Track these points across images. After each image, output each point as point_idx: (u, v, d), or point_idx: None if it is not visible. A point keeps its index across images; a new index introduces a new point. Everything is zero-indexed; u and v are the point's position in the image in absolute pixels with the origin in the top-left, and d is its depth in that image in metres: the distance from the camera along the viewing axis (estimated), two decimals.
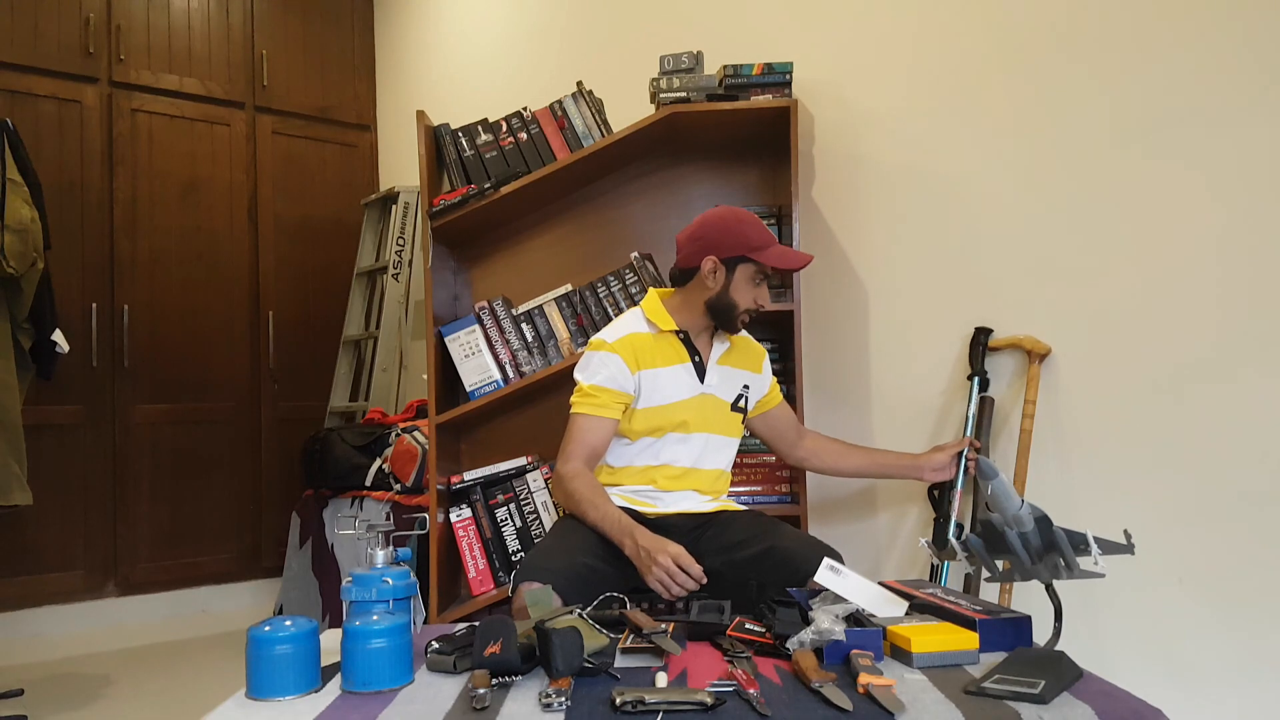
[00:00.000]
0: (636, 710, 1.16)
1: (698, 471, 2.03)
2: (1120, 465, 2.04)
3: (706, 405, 2.03)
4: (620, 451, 2.04)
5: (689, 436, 2.01)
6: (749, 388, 2.11)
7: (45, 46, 3.78)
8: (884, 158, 2.52)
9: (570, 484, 1.92)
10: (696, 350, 2.05)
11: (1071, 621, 1.93)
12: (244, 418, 4.25)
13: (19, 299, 2.78)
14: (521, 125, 2.60)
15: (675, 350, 2.03)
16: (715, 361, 2.06)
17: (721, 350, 2.08)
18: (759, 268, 1.97)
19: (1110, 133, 2.06)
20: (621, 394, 1.98)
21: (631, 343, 2.00)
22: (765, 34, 2.80)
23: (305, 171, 4.50)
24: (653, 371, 2.00)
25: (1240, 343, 1.86)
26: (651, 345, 2.02)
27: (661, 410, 2.00)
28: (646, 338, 2.02)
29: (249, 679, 1.31)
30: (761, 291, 2.00)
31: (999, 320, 2.27)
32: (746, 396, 2.11)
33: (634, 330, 2.03)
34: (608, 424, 1.97)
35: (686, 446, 2.02)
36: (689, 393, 2.02)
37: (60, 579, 3.75)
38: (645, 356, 2.00)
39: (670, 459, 2.01)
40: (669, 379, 2.01)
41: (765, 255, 1.94)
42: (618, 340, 2.00)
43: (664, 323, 2.02)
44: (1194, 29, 1.92)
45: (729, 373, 2.08)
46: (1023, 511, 1.36)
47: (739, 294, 1.97)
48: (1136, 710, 1.18)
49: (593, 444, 1.96)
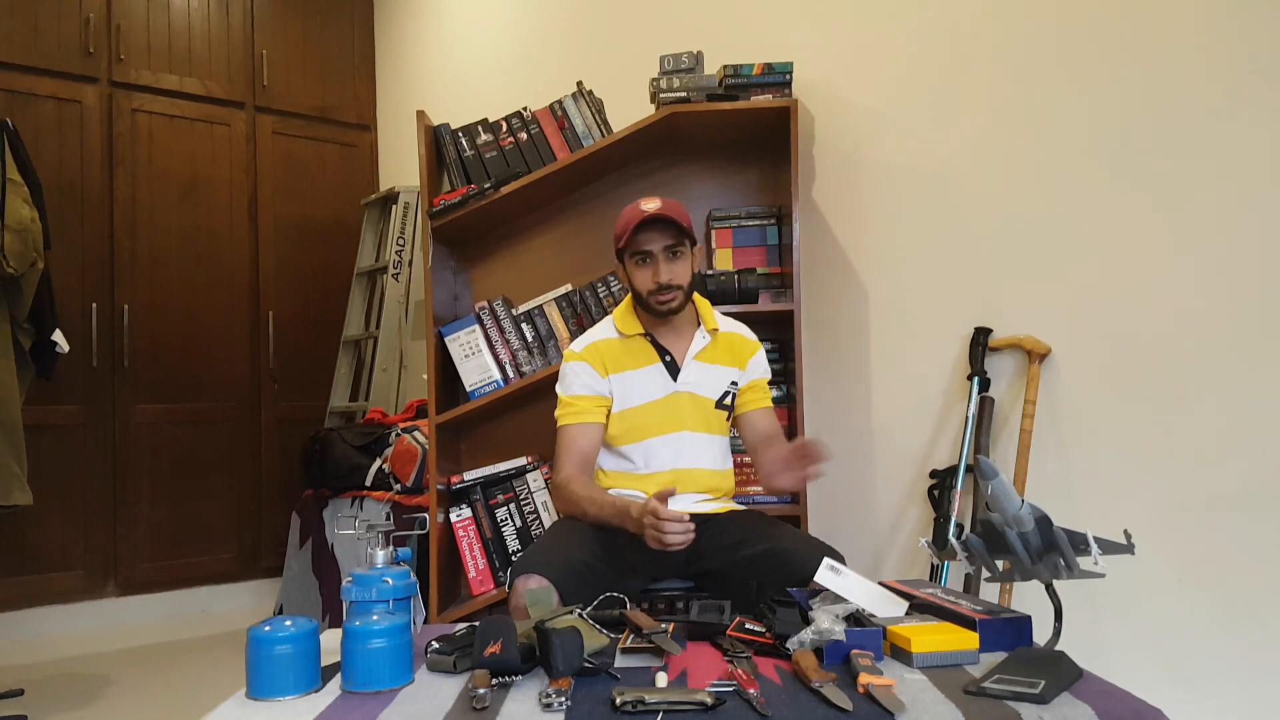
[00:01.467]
0: (636, 710, 1.16)
1: (688, 472, 2.02)
2: (1120, 465, 2.04)
3: (682, 404, 2.03)
4: (609, 457, 2.07)
5: (668, 437, 2.02)
6: (736, 384, 2.09)
7: (45, 46, 3.78)
8: (884, 157, 2.52)
9: (566, 489, 1.95)
10: (666, 350, 2.04)
11: (1071, 621, 1.93)
12: (244, 418, 4.25)
13: (19, 299, 2.77)
14: (521, 125, 2.60)
15: (644, 352, 2.04)
16: (692, 358, 2.04)
17: (701, 346, 2.05)
18: (629, 251, 1.98)
19: (1110, 133, 2.06)
20: (599, 398, 2.02)
21: (597, 349, 2.04)
22: (765, 34, 2.80)
23: (305, 171, 4.50)
24: (621, 375, 2.02)
25: (1241, 342, 1.86)
26: (619, 350, 2.04)
27: (635, 412, 2.02)
28: (614, 343, 2.05)
29: (249, 679, 1.30)
30: (648, 271, 1.96)
31: (999, 320, 2.27)
32: (733, 393, 2.09)
33: (600, 338, 2.06)
34: (592, 429, 2.00)
35: (669, 446, 2.02)
36: (661, 392, 2.02)
37: (60, 579, 3.75)
38: (613, 361, 2.03)
39: (658, 463, 2.01)
40: (638, 381, 2.02)
41: (621, 241, 1.98)
42: (584, 349, 2.04)
43: (628, 327, 2.05)
44: (1194, 27, 1.92)
45: (709, 369, 2.05)
46: (1023, 511, 1.36)
47: (635, 280, 2.00)
48: (1136, 710, 1.18)
49: (582, 450, 1.99)
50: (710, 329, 2.06)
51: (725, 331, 2.09)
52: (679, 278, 1.96)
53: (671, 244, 1.95)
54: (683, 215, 1.96)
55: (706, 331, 2.06)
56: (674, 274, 1.95)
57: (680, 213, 1.96)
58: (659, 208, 1.93)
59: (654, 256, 1.96)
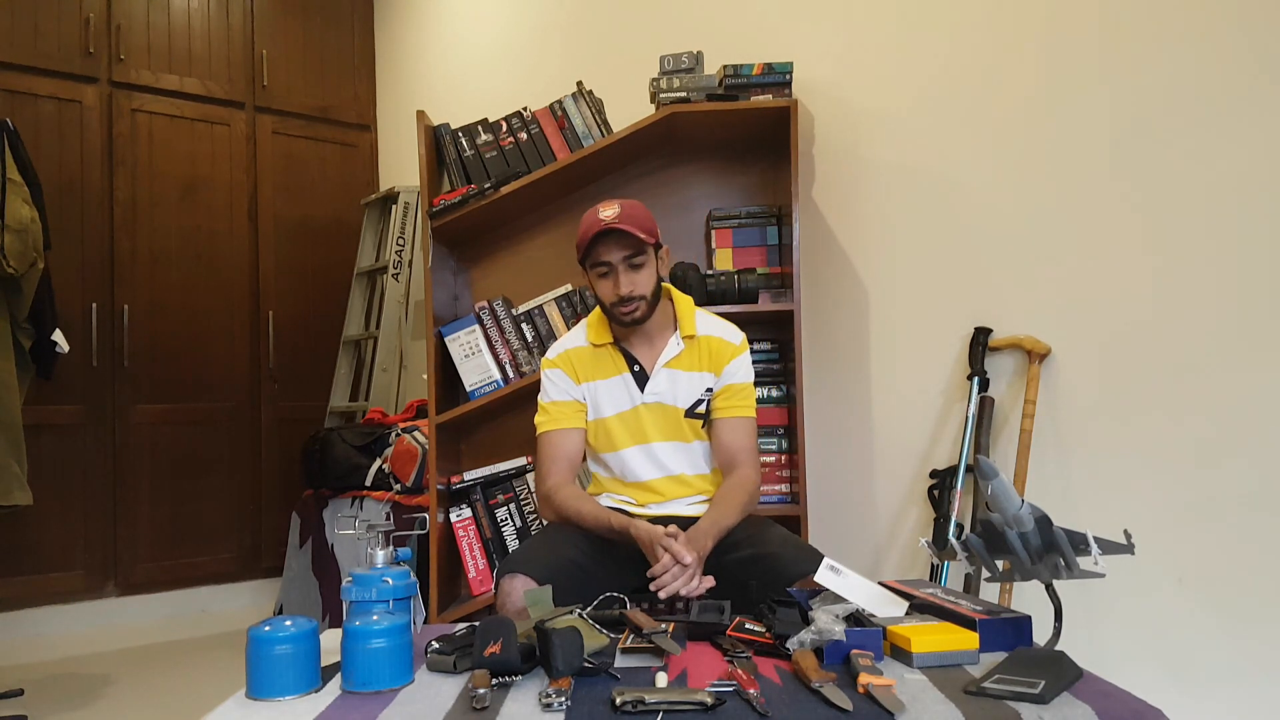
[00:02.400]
0: (636, 710, 1.16)
1: (669, 480, 1.99)
2: (1120, 465, 2.04)
3: (651, 414, 1.98)
4: (595, 464, 2.07)
5: (635, 449, 1.99)
6: (711, 390, 2.00)
7: (45, 46, 3.78)
8: (884, 157, 2.52)
9: (555, 498, 1.92)
10: (636, 359, 1.99)
11: (1071, 621, 1.93)
12: (244, 418, 4.25)
13: (19, 299, 2.78)
14: (521, 125, 2.60)
15: (614, 362, 2.00)
16: (662, 365, 1.97)
17: (674, 353, 1.98)
18: (588, 263, 1.92)
19: (1110, 132, 2.06)
20: (576, 403, 2.00)
21: (569, 358, 2.02)
22: (765, 34, 2.80)
23: (305, 171, 4.50)
24: (593, 385, 2.00)
25: (1241, 342, 1.86)
26: (590, 359, 2.01)
27: (605, 423, 1.99)
28: (584, 351, 2.02)
29: (249, 679, 1.30)
30: (609, 283, 1.89)
31: (999, 320, 2.27)
32: (707, 400, 2.00)
33: (572, 346, 2.04)
34: (573, 433, 1.98)
35: (639, 458, 1.99)
36: (627, 404, 1.99)
37: (60, 579, 3.74)
38: (584, 370, 2.01)
39: (633, 473, 1.99)
40: (606, 392, 2.00)
41: (580, 253, 1.92)
42: (558, 356, 2.03)
43: (598, 336, 2.01)
44: (1195, 25, 1.92)
45: (680, 376, 1.98)
46: (1023, 511, 1.36)
47: (598, 291, 1.94)
48: (1136, 710, 1.18)
49: (567, 454, 1.97)
50: (686, 334, 1.98)
51: (705, 335, 2.00)
52: (640, 288, 1.88)
53: (630, 254, 1.87)
54: (642, 223, 1.87)
55: (682, 337, 1.98)
56: (635, 284, 1.88)
57: (639, 220, 1.86)
58: (615, 216, 1.84)
59: (613, 268, 1.88)
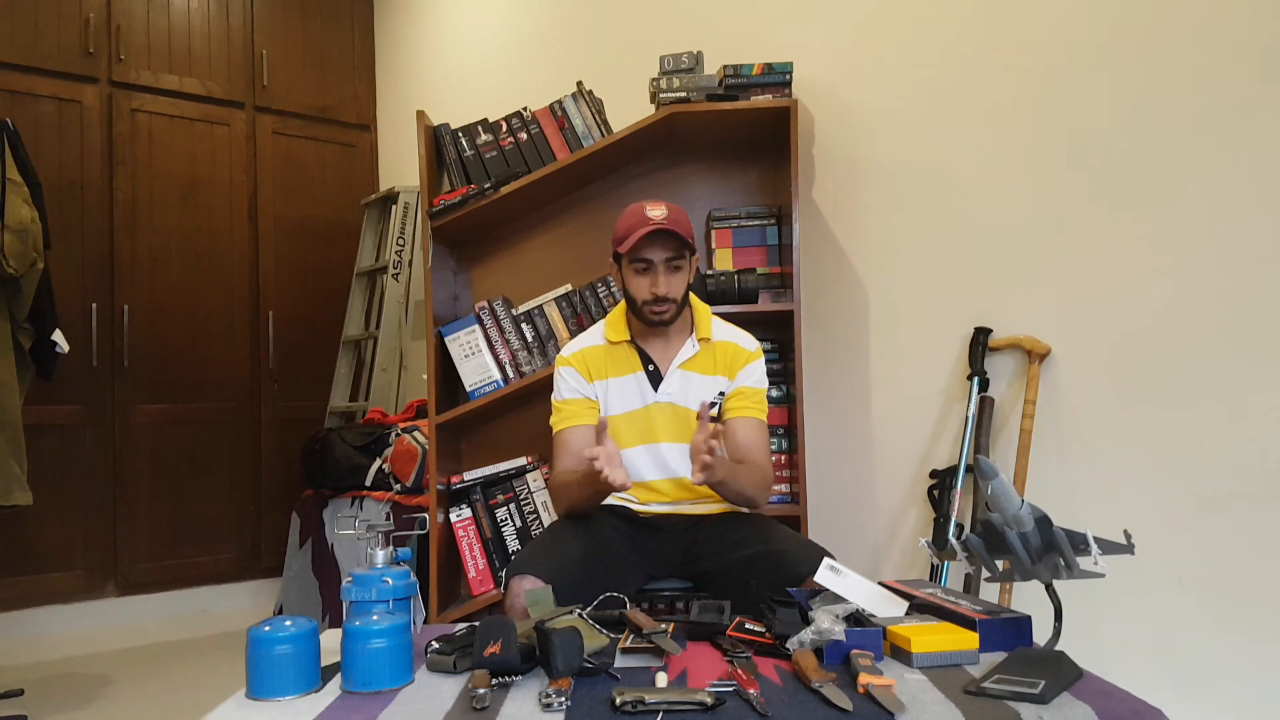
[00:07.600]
0: (636, 710, 1.16)
1: (673, 482, 2.00)
2: (1120, 465, 2.04)
3: (663, 414, 2.00)
4: None
5: (642, 448, 2.00)
6: (724, 393, 2.02)
7: (45, 46, 3.78)
8: (884, 157, 2.52)
9: (555, 482, 1.99)
10: (651, 358, 2.01)
11: (1071, 621, 1.93)
12: (244, 418, 4.25)
13: (19, 299, 2.77)
14: (521, 125, 2.60)
15: (629, 360, 2.02)
16: (677, 366, 2.00)
17: (689, 354, 2.00)
18: (630, 257, 1.93)
19: (1110, 132, 2.06)
20: (589, 400, 2.02)
21: (583, 356, 2.04)
22: (765, 34, 2.80)
23: (305, 171, 4.50)
24: (605, 383, 2.02)
25: (1241, 342, 1.86)
26: (604, 357, 2.03)
27: (614, 420, 2.00)
28: (599, 350, 2.04)
29: (249, 679, 1.31)
30: (646, 281, 1.92)
31: (999, 320, 2.27)
32: (719, 403, 2.02)
33: (588, 344, 2.05)
34: (585, 430, 2.00)
35: (645, 457, 2.00)
36: (639, 403, 2.01)
37: (60, 579, 3.75)
38: (598, 368, 2.02)
39: (636, 472, 1.99)
40: (619, 390, 2.01)
41: (623, 245, 1.92)
42: (572, 355, 2.05)
43: (615, 334, 2.03)
44: (1195, 25, 1.92)
45: (694, 378, 2.00)
46: (1023, 511, 1.36)
47: (632, 287, 1.96)
48: (1136, 710, 1.18)
49: (576, 452, 1.98)
50: (702, 338, 2.01)
51: (720, 340, 2.03)
52: (675, 290, 1.93)
53: (673, 256, 1.91)
54: (687, 226, 1.92)
55: (697, 340, 2.01)
56: (671, 287, 1.92)
57: (685, 224, 1.92)
58: (665, 217, 1.88)
59: (654, 267, 1.91)
